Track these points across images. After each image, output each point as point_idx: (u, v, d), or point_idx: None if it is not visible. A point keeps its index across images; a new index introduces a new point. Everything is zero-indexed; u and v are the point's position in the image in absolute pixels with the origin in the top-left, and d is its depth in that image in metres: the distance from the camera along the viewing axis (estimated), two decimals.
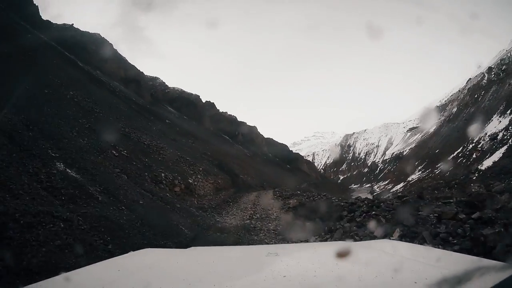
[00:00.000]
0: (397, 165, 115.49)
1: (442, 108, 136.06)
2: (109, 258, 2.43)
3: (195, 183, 19.44)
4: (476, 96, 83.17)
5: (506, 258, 4.75)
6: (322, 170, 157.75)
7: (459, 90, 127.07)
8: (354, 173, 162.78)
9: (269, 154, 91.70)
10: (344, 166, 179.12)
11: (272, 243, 9.21)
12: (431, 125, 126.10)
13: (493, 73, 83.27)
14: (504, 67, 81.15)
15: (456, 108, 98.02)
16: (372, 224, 8.22)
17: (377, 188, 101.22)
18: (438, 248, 5.09)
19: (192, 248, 3.21)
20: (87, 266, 2.00)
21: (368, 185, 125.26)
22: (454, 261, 1.71)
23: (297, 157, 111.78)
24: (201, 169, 22.90)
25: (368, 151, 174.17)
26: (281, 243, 8.41)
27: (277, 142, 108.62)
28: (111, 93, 30.76)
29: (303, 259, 2.13)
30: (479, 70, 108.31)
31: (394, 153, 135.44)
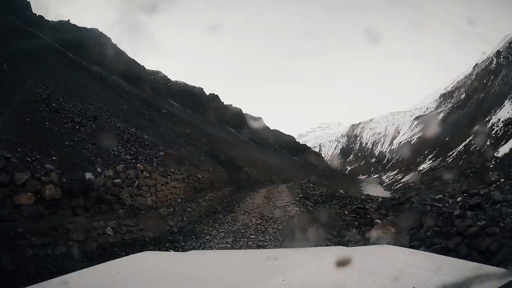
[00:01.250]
0: (405, 154, 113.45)
1: (449, 95, 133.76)
2: None
3: (118, 180, 8.44)
4: (485, 81, 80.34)
5: (506, 264, 4.96)
6: (329, 161, 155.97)
7: (465, 76, 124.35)
8: (362, 163, 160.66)
9: (276, 146, 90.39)
10: (351, 156, 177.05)
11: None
12: (439, 112, 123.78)
13: (502, 57, 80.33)
14: None
15: (464, 95, 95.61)
16: None
17: (386, 178, 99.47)
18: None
19: (192, 251, 3.34)
20: (86, 269, 1.97)
21: (376, 175, 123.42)
22: (454, 268, 1.66)
23: (305, 148, 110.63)
24: (161, 153, 13.09)
25: (375, 140, 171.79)
26: (281, 248, 7.87)
27: (283, 133, 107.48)
28: (100, 83, 27.49)
29: (302, 263, 2.13)
30: (484, 56, 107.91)
31: (402, 142, 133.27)
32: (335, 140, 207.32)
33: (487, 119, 59.16)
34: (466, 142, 58.04)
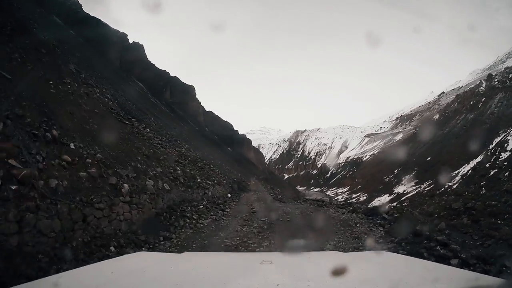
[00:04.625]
0: (355, 171, 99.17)
1: (407, 118, 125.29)
2: None
3: None
4: (472, 103, 68.68)
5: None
6: (266, 164, 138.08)
7: (429, 102, 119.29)
8: (301, 173, 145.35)
9: (206, 128, 67.99)
10: (291, 164, 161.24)
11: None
12: (395, 133, 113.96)
13: (496, 80, 69.87)
14: (511, 75, 68.45)
15: (437, 115, 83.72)
16: None
17: (333, 194, 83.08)
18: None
19: (187, 253, 3.46)
20: (78, 268, 1.97)
21: (317, 189, 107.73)
22: (451, 276, 1.65)
23: (243, 140, 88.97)
24: None
25: (319, 151, 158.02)
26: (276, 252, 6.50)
27: (219, 117, 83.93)
28: None
29: (297, 268, 2.06)
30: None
31: (350, 158, 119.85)
32: (276, 144, 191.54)
33: (500, 139, 44.86)
34: (473, 165, 42.23)
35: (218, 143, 63.06)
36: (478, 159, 42.71)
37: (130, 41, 56.93)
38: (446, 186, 41.00)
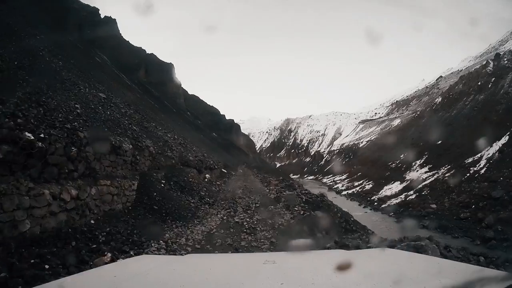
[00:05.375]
0: (351, 157, 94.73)
1: (403, 102, 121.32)
2: None
3: None
4: (479, 83, 63.81)
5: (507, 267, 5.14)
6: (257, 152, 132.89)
7: (426, 86, 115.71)
8: (294, 161, 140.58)
9: (188, 113, 61.23)
10: (283, 152, 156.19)
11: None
12: (391, 118, 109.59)
13: (505, 59, 65.41)
14: None
15: (440, 98, 79.08)
16: None
17: (329, 181, 78.34)
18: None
19: (189, 255, 3.48)
20: (82, 272, 1.98)
21: (312, 177, 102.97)
22: (454, 271, 1.64)
23: (232, 126, 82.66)
24: None
25: (312, 138, 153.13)
26: (279, 251, 6.99)
27: (203, 101, 76.16)
28: None
29: (300, 267, 2.04)
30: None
31: (345, 144, 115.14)
32: (266, 132, 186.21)
33: None
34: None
35: (200, 127, 56.80)
36: (503, 140, 38.04)
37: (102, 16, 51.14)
38: (472, 171, 36.16)
